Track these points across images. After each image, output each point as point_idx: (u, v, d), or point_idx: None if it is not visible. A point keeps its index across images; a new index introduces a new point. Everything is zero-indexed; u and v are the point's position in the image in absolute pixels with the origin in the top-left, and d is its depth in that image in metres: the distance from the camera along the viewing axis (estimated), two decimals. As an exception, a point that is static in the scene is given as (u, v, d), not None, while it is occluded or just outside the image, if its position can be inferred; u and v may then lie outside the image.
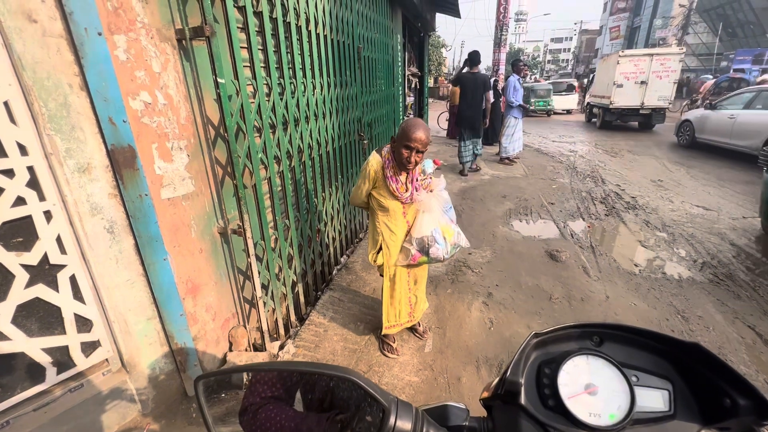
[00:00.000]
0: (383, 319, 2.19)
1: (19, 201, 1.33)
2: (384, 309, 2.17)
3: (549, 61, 70.44)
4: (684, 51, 11.04)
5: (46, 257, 1.43)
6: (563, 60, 68.31)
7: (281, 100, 2.22)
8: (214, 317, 2.01)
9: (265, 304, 2.16)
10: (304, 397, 0.62)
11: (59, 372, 1.56)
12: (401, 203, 1.95)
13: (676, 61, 10.43)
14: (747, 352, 2.31)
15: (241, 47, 1.91)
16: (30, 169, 1.33)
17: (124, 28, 1.42)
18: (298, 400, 0.63)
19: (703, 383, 0.52)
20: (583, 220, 4.53)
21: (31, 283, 1.41)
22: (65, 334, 1.54)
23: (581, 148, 9.04)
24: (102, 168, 1.45)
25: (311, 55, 2.54)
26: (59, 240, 1.45)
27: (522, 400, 0.54)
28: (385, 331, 2.23)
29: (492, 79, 8.97)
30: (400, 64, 5.76)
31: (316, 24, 2.57)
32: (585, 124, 13.79)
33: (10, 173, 1.29)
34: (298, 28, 2.37)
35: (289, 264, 2.44)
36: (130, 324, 1.67)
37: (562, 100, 16.63)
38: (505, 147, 7.34)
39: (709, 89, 14.65)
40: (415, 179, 1.96)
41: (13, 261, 1.35)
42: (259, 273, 2.05)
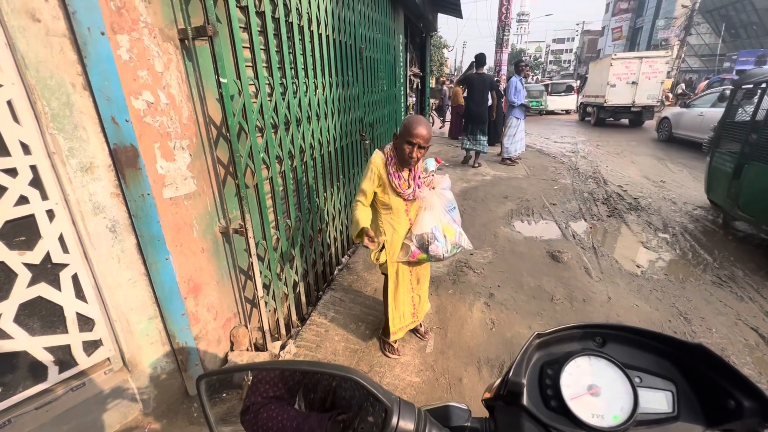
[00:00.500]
0: (389, 324, 2.16)
1: (22, 200, 1.33)
2: (389, 314, 2.14)
3: (551, 61, 70.33)
4: (670, 54, 12.34)
5: (48, 256, 1.43)
6: (565, 60, 68.20)
7: (283, 100, 2.22)
8: (216, 317, 2.02)
9: (266, 303, 2.15)
10: (306, 396, 0.62)
11: (61, 371, 1.56)
12: (404, 200, 1.95)
13: (663, 63, 11.62)
14: (750, 354, 2.30)
15: (244, 47, 1.91)
16: (33, 168, 1.34)
17: (127, 28, 1.42)
18: (300, 400, 0.62)
19: (707, 385, 0.52)
20: (584, 221, 4.52)
21: (33, 282, 1.41)
22: (67, 333, 1.54)
23: (580, 142, 9.76)
24: (104, 167, 1.46)
25: (313, 56, 2.54)
26: (61, 239, 1.45)
27: (524, 401, 0.53)
28: (392, 337, 2.22)
29: (494, 79, 9.02)
30: (401, 64, 5.76)
31: (318, 24, 2.57)
32: (579, 122, 14.79)
33: (13, 172, 1.30)
34: (300, 28, 2.37)
35: (290, 264, 2.44)
36: (132, 323, 1.67)
37: (562, 101, 17.44)
38: (507, 147, 7.33)
39: (703, 89, 15.32)
40: (417, 176, 1.97)
41: (15, 260, 1.35)
42: (260, 273, 2.05)
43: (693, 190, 5.51)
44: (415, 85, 8.38)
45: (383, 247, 2.02)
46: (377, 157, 1.91)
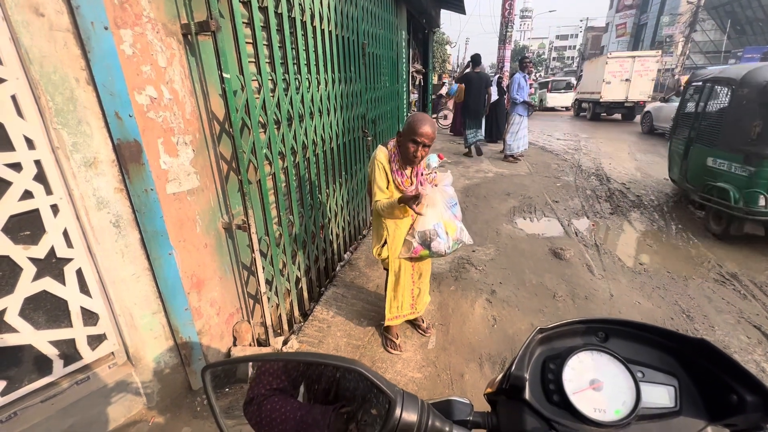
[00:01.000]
0: (386, 310, 2.20)
1: (27, 195, 1.34)
2: (387, 301, 2.18)
3: (554, 58, 69.88)
4: (660, 54, 13.49)
5: (53, 251, 1.44)
6: (568, 57, 67.74)
7: (286, 96, 2.22)
8: (219, 312, 2.03)
9: (269, 299, 2.16)
10: (309, 388, 0.62)
11: (66, 365, 1.57)
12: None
13: (654, 62, 12.77)
14: (752, 352, 2.29)
15: (247, 42, 1.91)
16: (37, 162, 1.34)
17: (130, 23, 1.42)
18: (303, 392, 0.63)
19: (709, 380, 0.52)
20: (587, 218, 4.51)
21: (38, 276, 1.42)
22: (72, 327, 1.55)
23: (581, 138, 10.40)
24: (108, 162, 1.46)
25: (316, 51, 2.53)
26: (66, 234, 1.46)
27: (526, 396, 0.53)
28: (387, 323, 2.24)
29: (496, 76, 9.03)
30: (404, 60, 5.74)
31: (321, 20, 2.56)
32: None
33: (17, 167, 1.30)
34: (303, 23, 2.36)
35: (293, 260, 2.45)
36: (136, 318, 1.68)
37: (562, 98, 18.18)
38: (510, 144, 7.30)
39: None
40: (420, 173, 1.97)
41: (20, 254, 1.36)
42: (263, 268, 2.06)
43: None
44: (417, 82, 8.34)
45: (385, 242, 2.03)
46: (381, 153, 1.91)
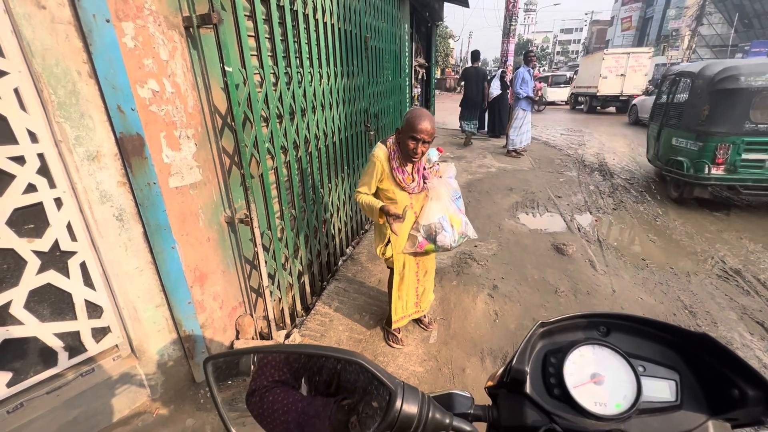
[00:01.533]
0: (392, 312, 2.18)
1: (30, 188, 1.35)
2: (392, 303, 2.16)
3: (558, 52, 69.25)
4: (652, 51, 14.70)
5: (57, 244, 1.45)
6: (572, 51, 67.13)
7: (288, 89, 2.21)
8: (222, 305, 2.04)
9: (271, 293, 2.17)
10: (311, 380, 0.63)
11: (71, 357, 1.59)
12: (408, 194, 1.94)
13: (647, 58, 13.86)
14: (755, 348, 2.29)
15: (249, 36, 1.90)
16: (40, 156, 1.34)
17: (132, 15, 1.42)
18: (305, 384, 0.63)
19: (711, 374, 0.52)
20: (590, 213, 4.49)
21: (42, 269, 1.43)
22: (76, 319, 1.56)
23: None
24: (111, 156, 1.46)
25: (318, 45, 2.52)
26: (69, 227, 1.47)
27: (527, 389, 0.54)
28: (394, 325, 2.23)
29: (499, 70, 9.03)
30: (407, 54, 5.70)
31: (324, 12, 2.54)
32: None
33: (20, 160, 1.31)
34: (306, 16, 2.34)
35: (295, 254, 2.46)
36: (139, 311, 1.69)
37: (561, 92, 18.56)
38: (513, 139, 7.26)
39: None
40: (421, 168, 1.95)
41: (25, 247, 1.37)
42: (265, 262, 2.07)
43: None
44: (420, 76, 8.29)
45: (389, 241, 2.01)
46: (380, 151, 1.87)
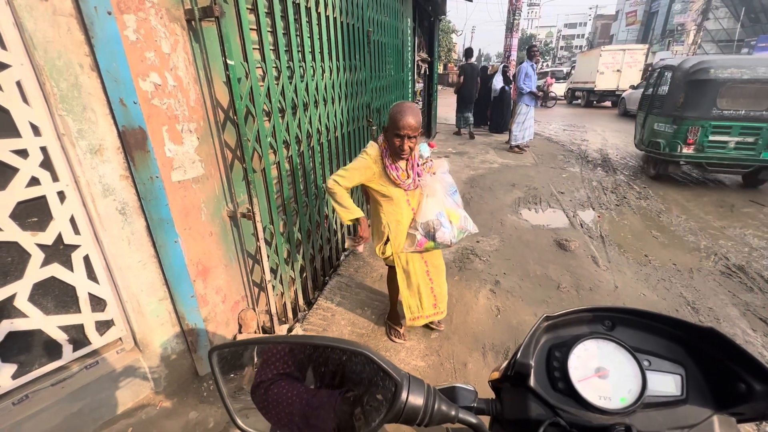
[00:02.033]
0: (405, 311, 2.14)
1: (33, 181, 1.35)
2: (404, 301, 2.12)
3: (562, 47, 68.67)
4: (647, 48, 15.86)
5: (60, 237, 1.45)
6: (576, 46, 66.49)
7: (290, 83, 2.20)
8: (224, 299, 2.04)
9: (273, 287, 2.18)
10: (316, 372, 0.63)
11: (75, 349, 1.60)
12: (404, 191, 1.91)
13: (641, 54, 14.94)
14: (758, 345, 2.28)
15: (251, 29, 1.88)
16: (43, 149, 1.35)
17: (134, 8, 1.41)
18: (310, 376, 0.63)
19: (717, 368, 0.52)
20: (593, 209, 4.48)
21: (46, 262, 1.44)
22: (80, 312, 1.57)
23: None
24: (113, 149, 1.46)
25: (320, 39, 2.50)
26: (73, 220, 1.47)
27: (531, 383, 0.54)
28: (409, 323, 2.20)
29: (502, 65, 9.08)
30: (409, 48, 5.66)
31: (326, 6, 2.52)
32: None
33: (23, 153, 1.31)
34: (308, 9, 2.32)
35: (297, 249, 2.46)
36: (143, 304, 1.70)
37: (561, 87, 19.34)
38: (516, 135, 7.23)
39: None
40: (415, 164, 1.93)
41: (28, 240, 1.37)
42: (268, 257, 2.07)
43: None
44: (422, 71, 8.22)
45: (387, 240, 1.99)
46: (373, 150, 1.84)
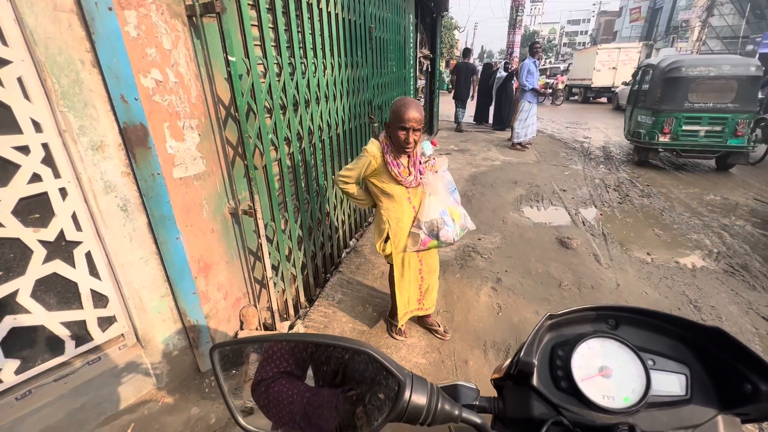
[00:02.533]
0: (397, 311, 2.15)
1: (35, 178, 1.35)
2: (396, 301, 2.12)
3: (565, 44, 68.27)
4: (641, 46, 16.46)
5: (62, 234, 1.45)
6: (579, 43, 66.09)
7: (292, 80, 2.19)
8: (226, 296, 2.05)
9: (275, 284, 2.18)
10: (317, 371, 0.63)
11: (77, 345, 1.61)
12: (405, 188, 1.90)
13: (636, 52, 15.69)
14: (761, 344, 2.28)
15: (252, 25, 1.88)
16: (44, 146, 1.34)
17: (135, 4, 1.40)
18: (311, 375, 0.63)
19: (722, 368, 0.51)
20: (595, 207, 4.46)
21: (48, 258, 1.44)
22: (82, 308, 1.58)
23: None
24: (115, 146, 1.46)
25: (322, 35, 2.49)
26: (74, 217, 1.47)
27: (534, 381, 0.53)
28: (400, 323, 2.21)
29: (503, 62, 9.11)
30: (411, 45, 5.63)
31: (328, 2, 2.51)
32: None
33: (25, 150, 1.31)
34: (309, 5, 2.31)
35: (298, 246, 2.46)
36: (145, 301, 1.70)
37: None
38: (518, 132, 7.20)
39: None
40: (417, 162, 1.92)
41: (30, 236, 1.38)
42: (269, 254, 2.07)
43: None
44: (425, 68, 8.18)
45: (388, 237, 1.98)
46: (373, 147, 1.83)
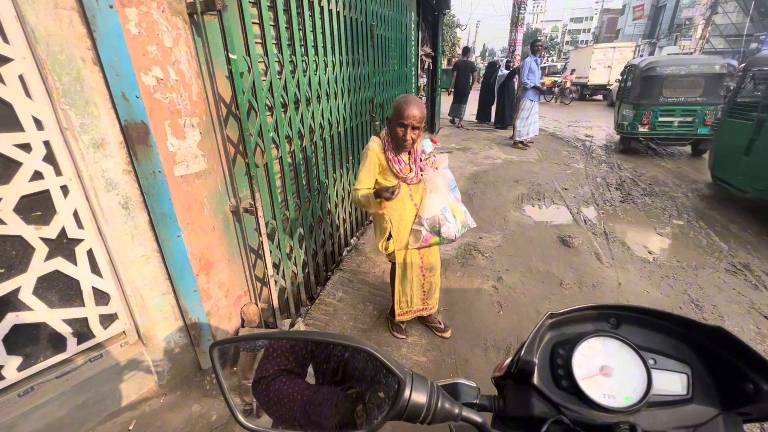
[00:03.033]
0: (395, 306, 2.17)
1: (37, 175, 1.35)
2: (396, 297, 2.14)
3: (567, 42, 67.99)
4: (635, 44, 17.79)
5: (64, 231, 1.46)
6: (582, 41, 65.80)
7: (293, 78, 2.19)
8: (227, 294, 2.05)
9: (276, 282, 2.18)
10: (317, 369, 0.63)
11: (79, 342, 1.61)
12: (407, 185, 1.91)
13: (630, 51, 16.59)
14: (762, 343, 2.27)
15: (253, 23, 1.87)
16: (46, 143, 1.35)
17: (136, 1, 1.40)
18: (311, 373, 0.63)
19: (724, 368, 0.51)
20: (597, 206, 4.45)
21: (50, 256, 1.44)
22: (84, 306, 1.58)
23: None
24: (116, 144, 1.46)
25: (323, 33, 2.48)
26: (76, 215, 1.48)
27: (535, 380, 0.53)
28: (397, 319, 2.22)
29: (505, 59, 9.09)
30: (413, 43, 5.61)
31: (329, -1, 2.50)
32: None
33: (27, 147, 1.31)
34: (311, 3, 2.31)
35: (300, 244, 2.46)
36: (146, 298, 1.71)
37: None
38: (519, 131, 7.18)
39: None
40: (418, 159, 1.92)
41: (32, 234, 1.38)
42: (270, 252, 2.07)
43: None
44: (426, 66, 8.16)
45: (390, 236, 1.99)
46: (375, 144, 1.85)
